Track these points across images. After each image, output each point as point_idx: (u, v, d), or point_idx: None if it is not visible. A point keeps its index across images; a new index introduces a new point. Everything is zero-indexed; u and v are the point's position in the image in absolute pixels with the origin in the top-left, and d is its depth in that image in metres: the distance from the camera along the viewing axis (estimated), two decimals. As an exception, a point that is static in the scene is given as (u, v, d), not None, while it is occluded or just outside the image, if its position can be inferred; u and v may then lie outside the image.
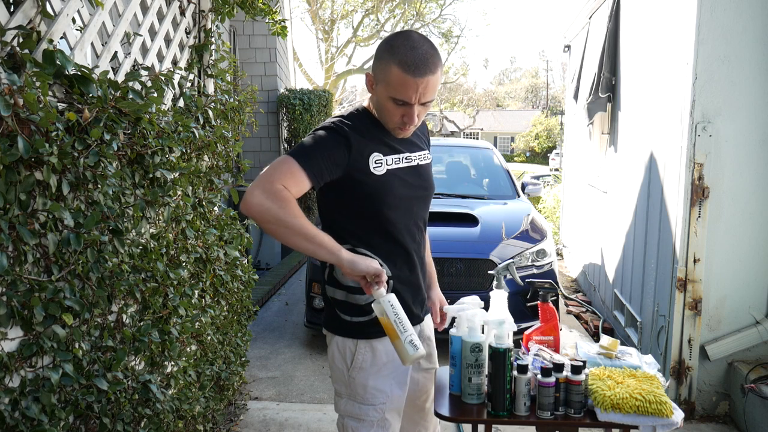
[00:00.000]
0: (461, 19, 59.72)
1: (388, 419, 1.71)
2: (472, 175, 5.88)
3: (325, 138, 1.57)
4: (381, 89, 1.58)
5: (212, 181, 2.76)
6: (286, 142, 8.53)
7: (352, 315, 1.69)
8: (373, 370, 1.68)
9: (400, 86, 1.53)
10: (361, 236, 1.66)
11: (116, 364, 1.80)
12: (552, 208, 10.00)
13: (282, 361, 4.11)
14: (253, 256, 6.80)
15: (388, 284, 1.67)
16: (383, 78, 1.56)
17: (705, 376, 3.22)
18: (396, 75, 1.52)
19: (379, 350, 1.68)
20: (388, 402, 1.70)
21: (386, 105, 1.59)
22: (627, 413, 1.64)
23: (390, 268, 1.68)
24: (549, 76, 50.49)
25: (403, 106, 1.57)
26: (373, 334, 1.67)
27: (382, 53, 1.56)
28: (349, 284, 1.68)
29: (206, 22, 2.91)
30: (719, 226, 3.13)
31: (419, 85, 1.52)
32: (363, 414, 1.69)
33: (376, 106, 1.65)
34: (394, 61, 1.52)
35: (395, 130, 1.65)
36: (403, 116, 1.59)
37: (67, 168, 1.57)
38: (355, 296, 1.68)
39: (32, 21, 1.60)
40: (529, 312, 3.80)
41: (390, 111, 1.60)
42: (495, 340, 1.71)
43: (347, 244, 1.63)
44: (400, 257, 1.71)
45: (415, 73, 1.51)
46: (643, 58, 4.06)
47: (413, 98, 1.55)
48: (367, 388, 1.68)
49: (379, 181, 1.62)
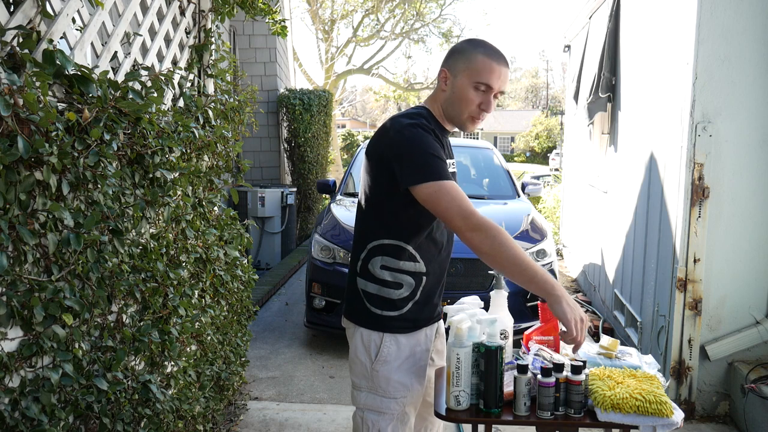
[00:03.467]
0: (461, 19, 59.68)
1: (407, 413, 1.76)
2: (472, 175, 5.88)
3: (428, 141, 1.63)
4: (462, 78, 1.68)
5: (212, 181, 2.76)
6: (286, 142, 8.53)
7: (382, 309, 1.73)
8: (397, 363, 1.73)
9: (486, 70, 1.66)
10: (412, 235, 1.72)
11: (116, 364, 1.80)
12: (552, 208, 10.00)
13: (282, 361, 4.11)
14: (253, 256, 6.81)
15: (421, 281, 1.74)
16: (466, 67, 1.68)
17: (705, 376, 3.21)
18: (482, 61, 1.66)
19: (403, 344, 1.73)
20: (409, 396, 1.75)
21: (466, 94, 1.68)
22: (627, 413, 1.63)
23: (426, 265, 1.75)
24: (549, 76, 50.57)
25: (484, 93, 1.68)
26: (399, 328, 1.73)
27: (464, 48, 1.71)
28: (386, 278, 1.72)
29: (206, 22, 2.91)
30: (719, 226, 3.13)
31: (501, 72, 1.68)
32: (384, 407, 1.73)
33: (448, 100, 1.72)
34: (479, 51, 1.68)
35: (467, 121, 1.72)
36: (481, 104, 1.69)
37: (67, 168, 1.57)
38: (388, 290, 1.73)
39: (32, 21, 1.60)
40: (529, 312, 3.80)
41: (470, 100, 1.69)
42: (487, 339, 1.72)
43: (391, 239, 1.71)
44: (432, 255, 1.77)
45: (500, 61, 1.68)
46: (643, 58, 4.06)
47: (496, 83, 1.67)
48: (390, 382, 1.72)
49: None
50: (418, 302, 1.76)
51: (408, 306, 1.74)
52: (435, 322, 1.86)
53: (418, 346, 1.77)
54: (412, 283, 1.74)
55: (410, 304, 1.74)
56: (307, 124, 8.28)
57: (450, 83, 1.71)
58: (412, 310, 1.75)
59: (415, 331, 1.77)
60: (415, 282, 1.74)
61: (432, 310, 1.82)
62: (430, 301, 1.79)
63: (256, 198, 6.81)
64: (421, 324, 1.79)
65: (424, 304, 1.78)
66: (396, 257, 1.72)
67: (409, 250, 1.72)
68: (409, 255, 1.73)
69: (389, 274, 1.71)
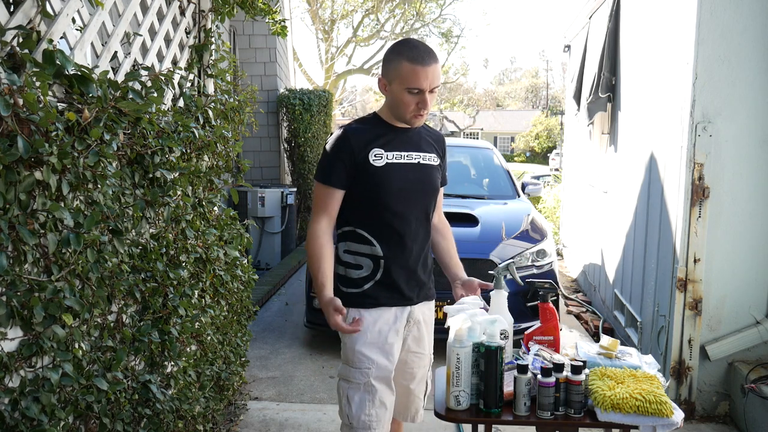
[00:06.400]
0: (461, 19, 59.73)
1: (374, 385, 1.90)
2: (472, 175, 5.88)
3: (331, 148, 1.91)
4: (396, 86, 1.85)
5: (212, 181, 2.76)
6: (286, 142, 8.53)
7: (347, 287, 1.95)
8: (360, 336, 1.90)
9: (413, 76, 1.80)
10: (361, 219, 1.94)
11: (116, 364, 1.80)
12: (552, 208, 10.00)
13: (282, 361, 4.11)
14: (253, 256, 6.80)
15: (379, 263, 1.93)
16: (396, 75, 1.83)
17: (705, 376, 3.22)
18: (407, 68, 1.80)
19: (366, 319, 1.90)
20: (374, 368, 1.90)
21: (403, 98, 1.85)
22: (627, 413, 1.64)
23: (383, 249, 1.93)
24: (549, 76, 50.54)
25: (417, 94, 1.83)
26: (361, 304, 1.92)
27: (391, 57, 1.86)
28: (347, 260, 1.96)
29: (206, 22, 2.91)
30: (719, 226, 3.13)
31: (428, 72, 1.80)
32: (351, 376, 1.91)
33: (390, 104, 1.92)
34: (403, 58, 1.81)
35: (412, 120, 1.90)
36: (418, 103, 1.85)
37: (66, 168, 1.57)
38: (350, 270, 1.96)
39: (32, 21, 1.60)
40: (529, 312, 3.80)
41: (406, 102, 1.85)
42: (487, 339, 1.72)
43: (350, 226, 1.96)
44: (392, 240, 1.94)
45: (423, 63, 1.80)
46: (643, 58, 4.06)
47: (425, 85, 1.81)
48: (354, 353, 1.90)
49: (377, 171, 1.89)
50: (379, 282, 1.93)
51: (368, 285, 1.94)
52: (407, 305, 1.98)
53: (384, 323, 1.92)
54: (371, 265, 1.94)
55: (371, 283, 1.94)
56: (307, 124, 8.27)
57: (388, 90, 1.89)
58: (373, 289, 1.93)
59: (378, 307, 1.93)
60: (373, 264, 1.94)
61: (399, 294, 1.96)
62: (395, 285, 1.94)
63: (256, 198, 6.81)
64: (385, 302, 1.94)
65: (387, 287, 1.94)
66: (354, 241, 1.95)
67: (363, 235, 1.94)
68: (363, 239, 1.94)
69: (351, 257, 1.96)
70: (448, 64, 24.49)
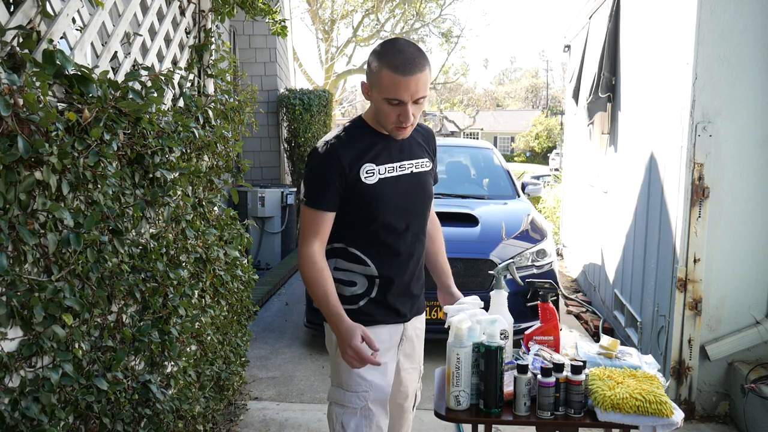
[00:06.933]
0: (461, 19, 59.66)
1: (371, 409, 1.79)
2: (472, 175, 5.88)
3: (319, 168, 1.75)
4: (376, 94, 1.69)
5: (212, 181, 2.76)
6: (286, 142, 8.53)
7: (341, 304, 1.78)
8: None
9: (392, 87, 1.63)
10: (354, 238, 1.81)
11: (116, 364, 1.80)
12: (552, 208, 10.00)
13: (282, 361, 4.11)
14: (253, 256, 6.80)
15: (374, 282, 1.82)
16: (376, 83, 1.67)
17: (705, 376, 3.22)
18: (387, 77, 1.63)
19: None
20: (371, 391, 1.79)
21: (382, 108, 1.70)
22: (627, 413, 1.64)
23: (378, 268, 1.82)
24: (549, 76, 50.52)
25: (398, 105, 1.67)
26: (359, 321, 1.75)
27: (373, 61, 1.69)
28: (339, 277, 1.82)
29: (206, 22, 2.91)
30: (719, 226, 3.13)
31: (410, 83, 1.63)
32: (346, 400, 1.80)
33: (374, 111, 1.76)
34: (383, 65, 1.64)
35: (394, 131, 1.75)
36: (399, 116, 1.69)
37: (67, 168, 1.57)
38: (342, 287, 1.82)
39: (32, 21, 1.60)
40: (529, 312, 3.79)
41: (386, 113, 1.70)
42: (487, 339, 1.72)
43: (340, 243, 1.82)
44: (388, 259, 1.82)
45: (405, 73, 1.62)
46: (643, 58, 4.06)
47: (406, 96, 1.64)
48: (351, 375, 1.78)
49: (370, 189, 1.75)
50: (374, 300, 1.83)
51: (363, 302, 1.82)
52: (401, 322, 1.89)
53: (379, 342, 1.78)
54: (365, 283, 1.82)
55: (365, 300, 1.82)
56: (307, 124, 8.27)
57: (371, 96, 1.73)
58: (368, 306, 1.82)
59: (374, 325, 1.81)
60: (368, 282, 1.82)
61: (395, 312, 1.86)
62: (390, 303, 1.84)
63: (256, 198, 6.81)
64: (380, 320, 1.83)
65: (382, 304, 1.83)
66: (346, 260, 1.83)
67: (356, 254, 1.81)
68: (356, 258, 1.82)
69: (343, 273, 1.83)
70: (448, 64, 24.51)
